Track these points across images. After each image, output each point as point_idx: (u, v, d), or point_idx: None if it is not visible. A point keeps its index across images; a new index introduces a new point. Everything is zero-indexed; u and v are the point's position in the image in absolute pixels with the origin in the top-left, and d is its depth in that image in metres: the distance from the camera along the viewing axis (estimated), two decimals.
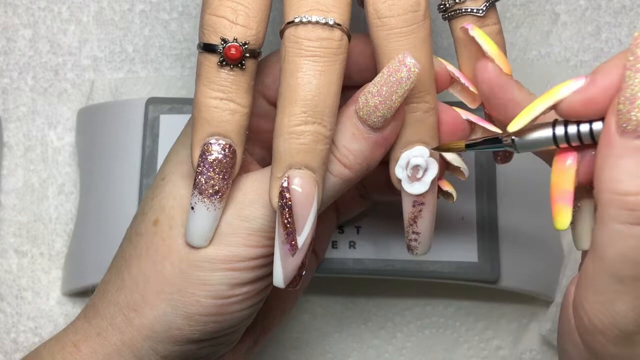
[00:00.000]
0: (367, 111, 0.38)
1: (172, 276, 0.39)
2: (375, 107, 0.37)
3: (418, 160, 0.39)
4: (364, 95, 0.38)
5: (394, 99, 0.37)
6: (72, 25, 0.57)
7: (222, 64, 0.37)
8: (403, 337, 0.55)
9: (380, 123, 0.38)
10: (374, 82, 0.38)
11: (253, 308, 0.41)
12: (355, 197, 0.48)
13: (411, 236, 0.41)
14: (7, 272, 0.55)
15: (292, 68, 0.36)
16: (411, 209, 0.40)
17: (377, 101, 0.37)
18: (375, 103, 0.37)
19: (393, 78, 0.37)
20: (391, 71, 0.37)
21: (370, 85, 0.38)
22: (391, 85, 0.37)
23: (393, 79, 0.37)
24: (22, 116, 0.57)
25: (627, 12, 0.58)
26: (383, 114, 0.38)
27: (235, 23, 0.37)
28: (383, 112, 0.37)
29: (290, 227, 0.37)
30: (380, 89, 0.37)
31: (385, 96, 0.37)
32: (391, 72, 0.37)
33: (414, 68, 0.37)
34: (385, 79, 0.37)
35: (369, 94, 0.38)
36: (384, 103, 0.37)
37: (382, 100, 0.37)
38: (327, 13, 0.36)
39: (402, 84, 0.37)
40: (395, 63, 0.37)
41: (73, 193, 0.56)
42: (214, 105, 0.37)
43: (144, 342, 0.40)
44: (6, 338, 0.55)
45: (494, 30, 0.41)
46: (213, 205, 0.38)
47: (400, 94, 0.37)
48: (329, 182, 0.38)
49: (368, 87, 0.38)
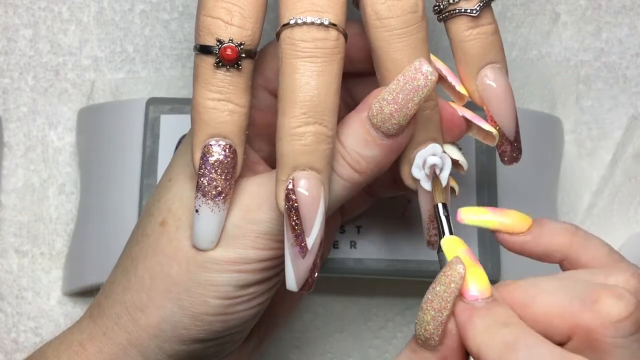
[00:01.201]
0: (382, 118, 0.38)
1: (179, 276, 0.39)
2: (390, 115, 0.37)
3: (434, 159, 0.39)
4: (377, 102, 0.38)
5: (410, 106, 0.37)
6: (73, 25, 0.57)
7: (219, 65, 0.37)
8: (404, 337, 0.55)
9: (395, 130, 0.38)
10: (388, 89, 0.37)
11: (259, 307, 0.41)
12: (361, 195, 0.48)
13: (432, 232, 0.42)
14: (8, 272, 0.55)
15: (290, 70, 0.36)
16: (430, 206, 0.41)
17: (393, 109, 0.37)
18: (391, 111, 0.37)
19: (409, 86, 0.37)
20: (407, 79, 0.37)
21: (385, 92, 0.37)
22: (407, 93, 0.37)
23: (409, 86, 0.37)
24: (23, 116, 0.57)
25: (627, 12, 0.58)
26: (399, 121, 0.37)
27: (230, 24, 0.37)
28: (399, 120, 0.37)
29: (299, 229, 0.37)
30: (396, 97, 0.37)
31: (402, 104, 0.37)
32: (407, 79, 0.37)
33: (431, 76, 0.37)
34: (402, 86, 0.37)
35: (384, 101, 0.37)
36: (399, 111, 0.37)
37: (398, 108, 0.37)
38: (322, 13, 0.36)
39: (419, 92, 0.37)
40: (411, 70, 0.37)
41: (73, 193, 0.56)
42: (212, 106, 0.37)
43: (151, 341, 0.40)
44: (6, 338, 0.55)
45: (489, 30, 0.41)
46: (217, 207, 0.38)
47: (417, 102, 0.37)
48: (339, 185, 0.38)
49: (382, 94, 0.37)
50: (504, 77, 0.41)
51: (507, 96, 0.41)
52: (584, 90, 0.58)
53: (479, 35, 0.41)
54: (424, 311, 0.35)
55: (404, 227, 0.51)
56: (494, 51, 0.41)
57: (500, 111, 0.41)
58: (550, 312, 0.34)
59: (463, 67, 0.41)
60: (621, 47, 0.58)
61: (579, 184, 0.57)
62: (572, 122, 0.57)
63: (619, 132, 0.57)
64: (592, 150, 0.57)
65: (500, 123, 0.42)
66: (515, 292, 0.35)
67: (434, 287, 0.35)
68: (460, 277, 0.35)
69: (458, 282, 0.35)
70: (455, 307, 0.35)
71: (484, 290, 0.35)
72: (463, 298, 0.35)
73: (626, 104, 0.58)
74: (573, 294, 0.34)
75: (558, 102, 0.57)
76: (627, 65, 0.58)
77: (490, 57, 0.41)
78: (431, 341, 0.35)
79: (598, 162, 0.57)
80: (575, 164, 0.57)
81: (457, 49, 0.41)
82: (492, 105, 0.41)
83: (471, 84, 0.41)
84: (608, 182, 0.56)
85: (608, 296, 0.33)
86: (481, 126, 0.41)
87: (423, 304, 0.35)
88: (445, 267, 0.35)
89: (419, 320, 0.35)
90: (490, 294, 0.35)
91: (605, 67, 0.58)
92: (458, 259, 0.35)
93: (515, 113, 0.42)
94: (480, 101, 0.42)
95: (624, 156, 0.56)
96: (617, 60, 0.58)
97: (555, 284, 0.35)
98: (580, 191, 0.57)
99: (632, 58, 0.58)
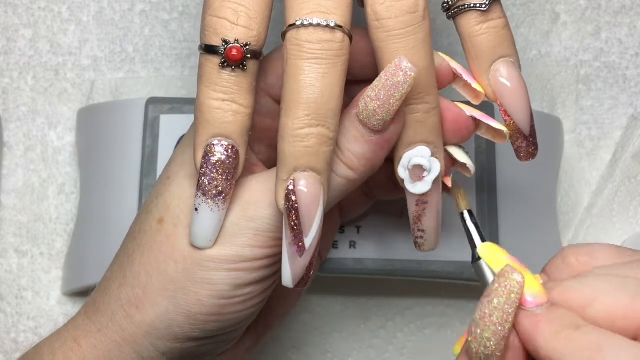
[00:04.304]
0: (367, 115, 0.38)
1: (175, 274, 0.39)
2: (374, 111, 0.38)
3: (420, 160, 0.39)
4: (363, 99, 0.38)
5: (392, 102, 0.37)
6: (73, 25, 0.57)
7: (224, 65, 0.37)
8: (403, 337, 0.55)
9: (380, 126, 0.38)
10: (372, 86, 0.38)
11: (255, 308, 0.41)
12: (360, 197, 0.48)
13: (417, 234, 0.42)
14: (8, 272, 0.55)
15: (294, 71, 0.36)
16: (415, 207, 0.41)
17: (376, 105, 0.38)
18: (374, 107, 0.38)
19: (390, 82, 0.37)
20: (388, 75, 0.37)
21: (369, 89, 0.38)
22: (389, 89, 0.37)
23: (390, 83, 0.37)
24: (23, 116, 0.57)
25: (627, 12, 0.58)
26: (382, 117, 0.38)
27: (236, 24, 0.37)
28: (382, 116, 0.38)
29: (297, 229, 0.37)
30: (378, 93, 0.37)
31: (384, 100, 0.37)
32: (388, 76, 0.37)
33: (410, 72, 0.37)
34: (383, 83, 0.37)
35: (368, 97, 0.38)
36: (382, 107, 0.37)
37: (380, 104, 0.37)
38: (328, 15, 0.36)
39: (399, 88, 0.37)
40: (392, 67, 0.37)
41: (73, 193, 0.56)
42: (216, 106, 0.37)
43: (145, 338, 0.40)
44: (6, 338, 0.55)
45: (499, 24, 0.41)
46: (217, 207, 0.38)
47: (398, 98, 0.37)
48: (334, 183, 0.39)
49: (367, 91, 0.38)
50: (517, 71, 0.41)
51: (521, 90, 0.41)
52: (584, 90, 0.58)
53: (489, 29, 0.40)
54: (481, 327, 0.33)
55: (404, 227, 0.51)
56: (505, 45, 0.41)
57: (515, 105, 0.41)
58: (613, 314, 0.33)
59: (475, 62, 0.41)
60: (621, 47, 0.58)
61: (579, 184, 0.57)
62: (572, 122, 0.57)
63: (619, 132, 0.57)
64: (592, 150, 0.57)
65: (515, 117, 0.41)
66: (569, 294, 0.34)
67: (491, 300, 0.33)
68: (520, 286, 0.33)
69: (518, 291, 0.33)
70: (516, 317, 0.33)
71: (539, 295, 0.34)
72: (522, 306, 0.33)
73: (626, 104, 0.58)
74: (634, 292, 0.33)
75: (558, 102, 0.57)
76: (627, 65, 0.58)
77: (502, 50, 0.41)
78: (493, 357, 0.33)
79: (598, 162, 0.57)
80: (575, 164, 0.57)
81: (468, 45, 0.41)
82: (506, 99, 0.41)
83: (483, 79, 0.41)
84: (608, 182, 0.56)
85: None
86: (491, 125, 0.41)
87: (479, 321, 0.33)
88: (499, 277, 0.34)
89: (475, 337, 0.33)
90: (547, 298, 0.34)
91: (605, 67, 0.58)
92: (512, 268, 0.34)
93: (529, 107, 0.41)
94: (493, 96, 0.41)
95: (624, 156, 0.56)
96: (617, 60, 0.58)
97: (610, 284, 0.33)
98: (580, 191, 0.57)
99: (632, 58, 0.58)
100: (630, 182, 0.56)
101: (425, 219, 0.41)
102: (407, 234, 0.51)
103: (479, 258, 0.37)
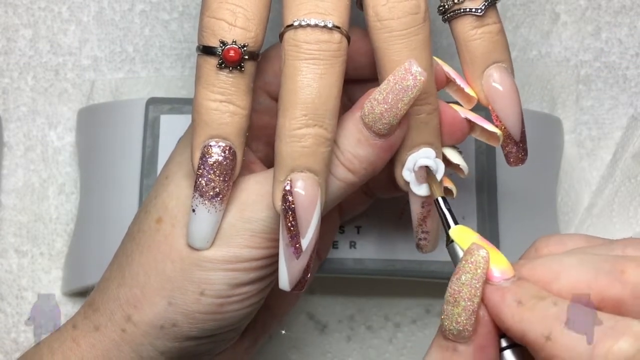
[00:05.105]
0: (373, 118, 0.38)
1: (173, 274, 0.39)
2: (381, 115, 0.38)
3: (426, 161, 0.39)
4: (369, 102, 0.38)
5: (400, 106, 0.37)
6: (73, 25, 0.57)
7: (221, 66, 0.37)
8: (403, 337, 0.55)
9: (386, 130, 0.38)
10: (379, 89, 0.38)
11: (253, 307, 0.41)
12: (359, 195, 0.48)
13: (420, 235, 0.42)
14: (8, 272, 0.55)
15: (292, 71, 0.36)
16: (420, 209, 0.41)
17: (383, 109, 0.37)
18: (381, 110, 0.37)
19: (399, 86, 0.37)
20: (397, 79, 0.37)
21: (376, 92, 0.38)
22: (397, 93, 0.37)
23: (399, 86, 0.37)
24: (23, 116, 0.57)
25: (627, 12, 0.58)
26: (389, 121, 0.38)
27: (234, 25, 0.37)
28: (389, 120, 0.38)
29: (294, 230, 0.37)
30: (386, 97, 0.37)
31: (392, 104, 0.37)
32: (397, 80, 0.37)
33: (420, 76, 0.37)
34: (392, 86, 0.37)
35: (375, 101, 0.38)
36: (389, 111, 0.37)
37: (388, 108, 0.37)
38: (326, 16, 0.36)
39: (408, 92, 0.37)
40: (401, 71, 0.37)
41: (73, 193, 0.56)
42: (213, 107, 0.37)
43: (143, 338, 0.40)
44: (6, 338, 0.55)
45: (494, 29, 0.41)
46: (214, 208, 0.38)
47: (407, 102, 0.37)
48: (333, 186, 0.39)
49: (373, 94, 0.38)
50: (510, 77, 0.41)
51: (512, 96, 0.41)
52: (584, 91, 0.58)
53: (484, 34, 0.41)
54: (452, 304, 0.35)
55: (404, 228, 0.51)
56: (499, 50, 0.41)
57: (506, 111, 0.41)
58: (577, 287, 0.34)
59: (468, 67, 0.41)
60: (621, 47, 0.58)
61: (579, 184, 0.57)
62: (572, 122, 0.57)
63: (619, 132, 0.57)
64: (592, 150, 0.57)
65: (506, 123, 0.41)
66: (536, 269, 0.35)
67: (459, 277, 0.35)
68: (485, 260, 0.35)
69: (484, 266, 0.35)
70: (483, 292, 0.35)
71: (506, 271, 0.35)
72: (489, 281, 0.35)
73: (626, 104, 0.58)
74: (597, 267, 0.34)
75: (558, 102, 0.57)
76: (627, 66, 0.58)
77: (496, 56, 0.41)
78: (464, 332, 0.35)
79: (598, 162, 0.57)
80: (575, 164, 0.57)
81: (462, 49, 0.41)
82: (498, 104, 0.41)
83: (476, 84, 0.41)
84: (608, 182, 0.56)
85: (635, 266, 0.33)
86: (485, 127, 0.41)
87: (449, 297, 0.35)
88: (465, 254, 0.35)
89: (446, 314, 0.35)
90: (513, 273, 0.35)
91: (605, 67, 0.58)
92: (477, 245, 0.35)
93: (521, 113, 0.42)
94: (485, 101, 0.41)
95: (624, 156, 0.56)
96: (617, 60, 0.58)
97: (576, 259, 0.35)
98: (580, 191, 0.57)
99: (632, 58, 0.58)
100: (630, 182, 0.56)
101: (430, 221, 0.41)
102: (407, 234, 0.51)
103: (452, 241, 0.37)
